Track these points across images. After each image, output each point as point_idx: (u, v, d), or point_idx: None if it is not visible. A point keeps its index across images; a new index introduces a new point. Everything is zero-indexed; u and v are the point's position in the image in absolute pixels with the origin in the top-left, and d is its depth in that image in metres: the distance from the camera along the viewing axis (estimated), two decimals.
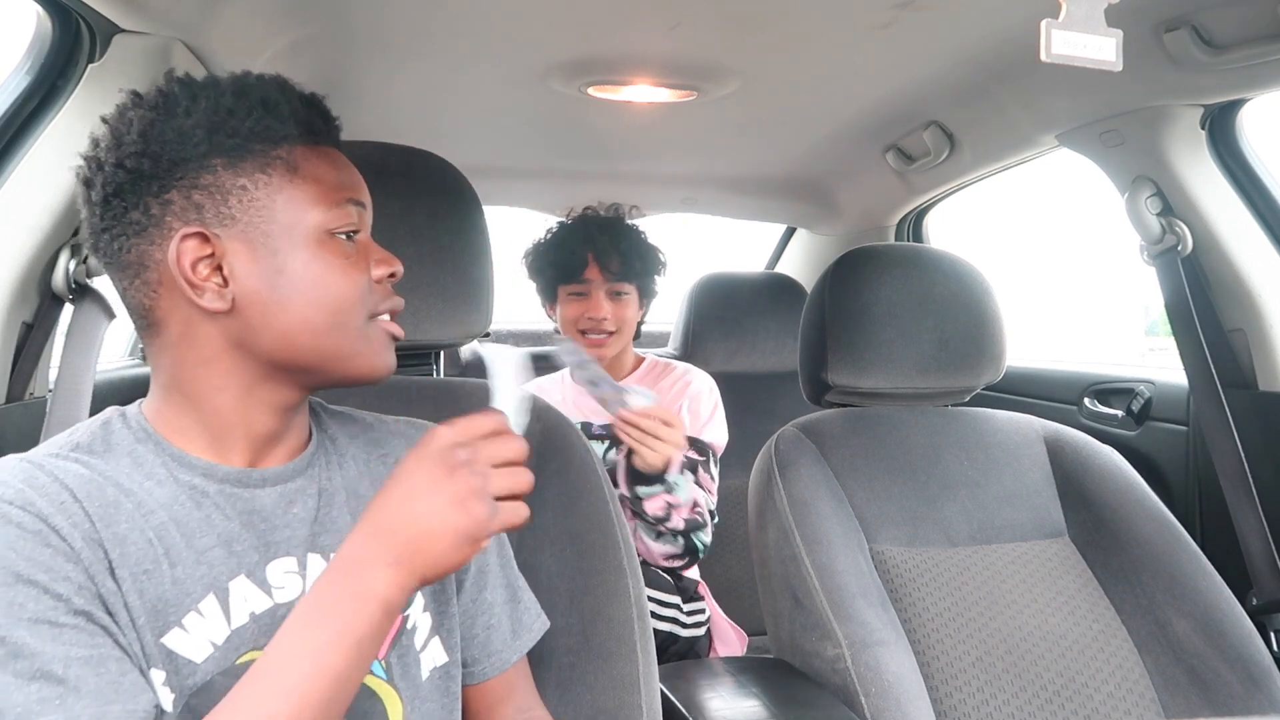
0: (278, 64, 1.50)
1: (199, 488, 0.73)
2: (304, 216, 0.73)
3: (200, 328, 0.72)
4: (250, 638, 0.71)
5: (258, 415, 0.75)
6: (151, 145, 0.70)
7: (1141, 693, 1.20)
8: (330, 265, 0.73)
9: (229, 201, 0.71)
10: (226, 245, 0.71)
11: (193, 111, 0.71)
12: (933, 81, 1.65)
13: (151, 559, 0.68)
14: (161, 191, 0.70)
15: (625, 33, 1.45)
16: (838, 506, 1.29)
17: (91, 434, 0.73)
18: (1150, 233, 1.60)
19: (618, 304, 1.74)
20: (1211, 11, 1.23)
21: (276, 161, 0.73)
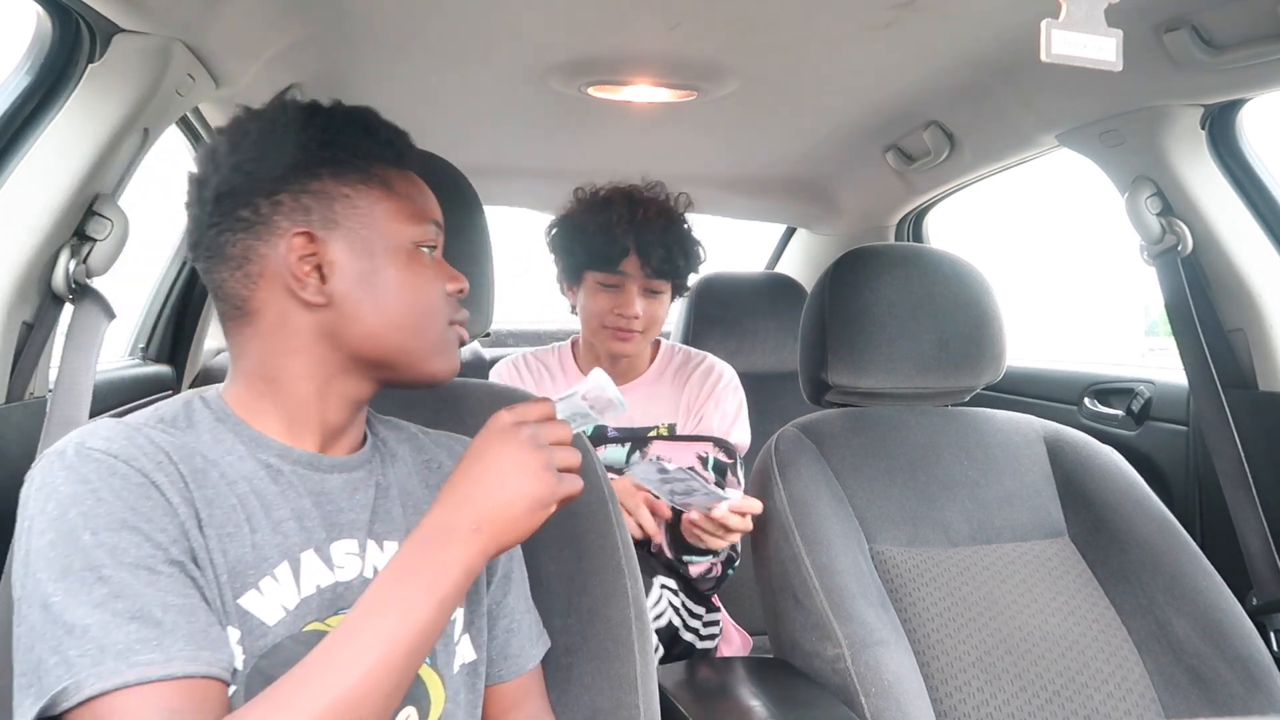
0: (278, 64, 1.50)
1: (274, 466, 0.78)
2: (398, 229, 0.81)
3: (294, 319, 0.79)
4: (315, 609, 0.76)
5: (333, 406, 0.82)
6: (269, 152, 0.78)
7: (1141, 693, 1.20)
8: (418, 274, 0.82)
9: (334, 207, 0.79)
10: (329, 246, 0.78)
11: (307, 127, 0.80)
12: (933, 81, 1.65)
13: (235, 523, 0.73)
14: (272, 194, 0.78)
15: (625, 33, 1.45)
16: (838, 506, 1.29)
17: (174, 411, 0.79)
18: (1150, 233, 1.60)
19: (651, 302, 1.59)
20: (1211, 11, 1.23)
21: (374, 178, 0.81)
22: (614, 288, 1.57)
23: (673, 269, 1.57)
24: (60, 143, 1.18)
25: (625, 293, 1.56)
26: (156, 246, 2.08)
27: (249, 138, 0.79)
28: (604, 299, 1.57)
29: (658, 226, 1.55)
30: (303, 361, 0.80)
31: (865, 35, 1.42)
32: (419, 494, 0.88)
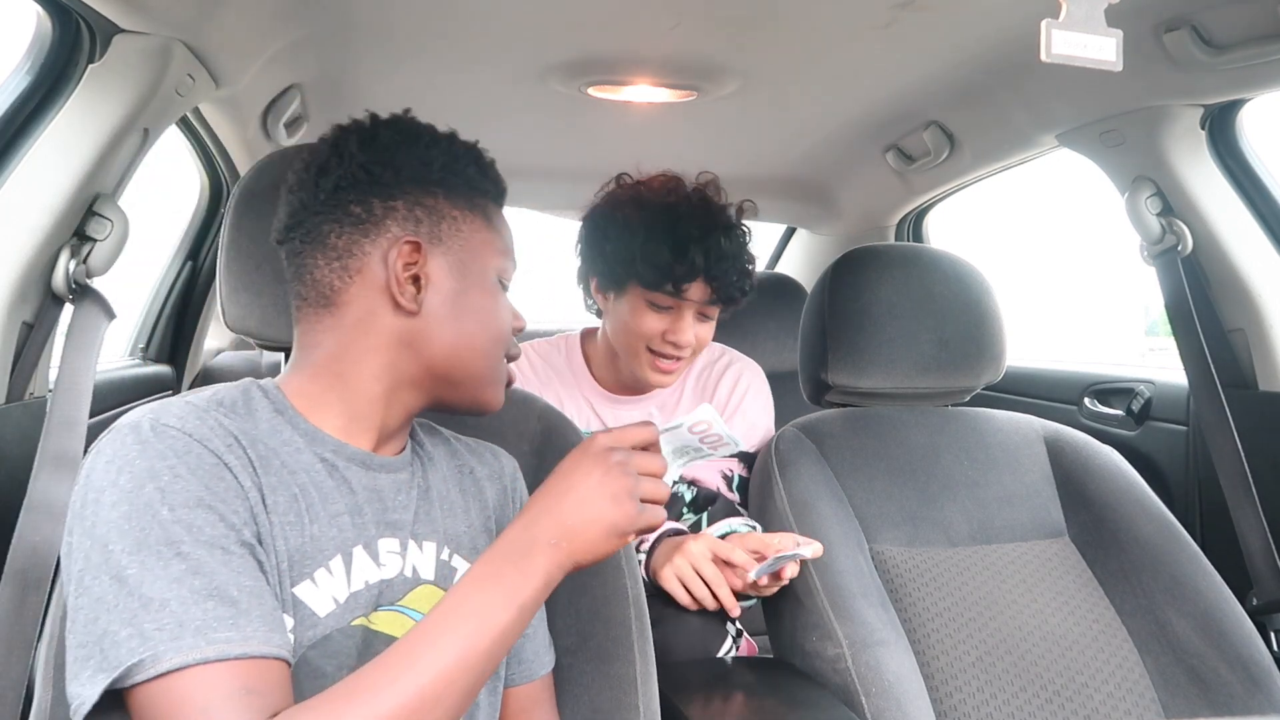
0: (278, 64, 1.50)
1: (330, 461, 0.80)
2: (491, 259, 0.86)
3: (381, 320, 0.81)
4: (362, 604, 0.78)
5: (394, 412, 0.84)
6: (395, 159, 0.82)
7: (1141, 693, 1.20)
8: (497, 303, 0.86)
9: (441, 225, 0.83)
10: (430, 260, 0.82)
11: (433, 146, 0.84)
12: (933, 81, 1.65)
13: (295, 512, 0.75)
14: (389, 197, 0.81)
15: (625, 33, 1.45)
16: (838, 506, 1.29)
17: (233, 398, 0.80)
18: (1150, 233, 1.60)
19: (704, 326, 1.41)
20: (1211, 11, 1.23)
21: (478, 208, 0.86)
22: (667, 309, 1.36)
23: (740, 295, 1.38)
24: (60, 143, 1.18)
25: (681, 318, 1.36)
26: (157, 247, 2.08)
27: (379, 141, 0.83)
28: (653, 321, 1.36)
29: (731, 245, 1.34)
30: (378, 362, 0.82)
31: (865, 35, 1.42)
32: (453, 498, 0.90)
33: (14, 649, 1.00)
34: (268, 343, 1.00)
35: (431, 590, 0.83)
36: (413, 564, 0.82)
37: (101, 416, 1.51)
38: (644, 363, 1.39)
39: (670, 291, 1.34)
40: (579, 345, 1.54)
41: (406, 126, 0.85)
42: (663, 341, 1.37)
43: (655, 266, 1.31)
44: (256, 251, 0.98)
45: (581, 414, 1.49)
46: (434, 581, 0.84)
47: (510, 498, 0.96)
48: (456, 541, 0.87)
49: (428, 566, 0.83)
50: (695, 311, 1.38)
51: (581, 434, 1.12)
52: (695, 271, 1.32)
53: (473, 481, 0.93)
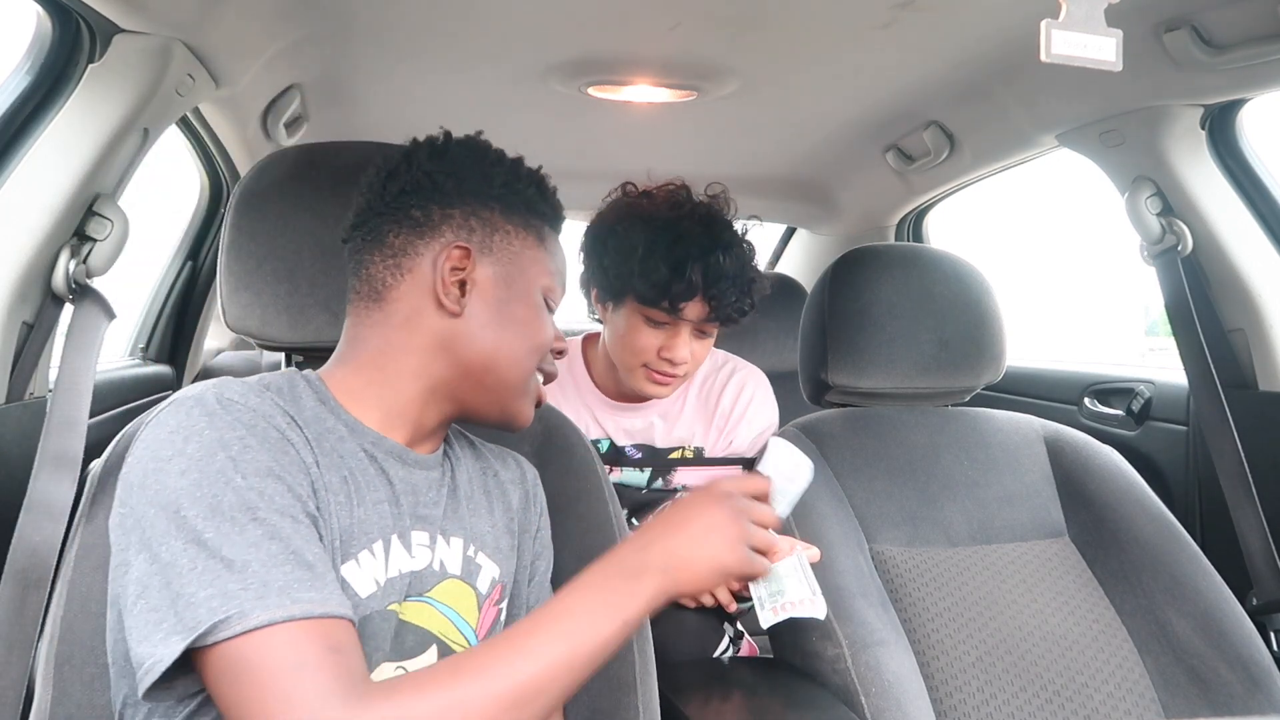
0: (278, 64, 1.50)
1: (370, 452, 0.82)
2: (538, 275, 0.89)
3: (425, 319, 0.84)
4: (396, 591, 0.80)
5: (430, 412, 0.87)
6: (459, 171, 0.87)
7: (1141, 693, 1.20)
8: (540, 319, 0.89)
9: (494, 237, 0.87)
10: (478, 267, 0.85)
11: (498, 164, 0.89)
12: (933, 81, 1.65)
13: (345, 493, 0.78)
14: (448, 205, 0.86)
15: (625, 33, 1.45)
16: (838, 506, 1.29)
17: (279, 384, 0.82)
18: (1150, 233, 1.60)
19: (701, 343, 1.39)
20: (1211, 11, 1.23)
21: (532, 227, 0.90)
22: (664, 326, 1.34)
23: (739, 315, 1.35)
24: (60, 143, 1.18)
25: (677, 335, 1.34)
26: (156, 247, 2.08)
27: (448, 154, 0.88)
28: (649, 337, 1.34)
29: (731, 264, 1.30)
30: (418, 360, 0.84)
31: (865, 35, 1.42)
32: (478, 498, 0.92)
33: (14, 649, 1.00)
34: (268, 343, 1.00)
35: (457, 585, 0.85)
36: (440, 558, 0.85)
37: (101, 416, 1.51)
38: (639, 377, 1.38)
39: (667, 309, 1.31)
40: (580, 351, 1.52)
41: (476, 145, 0.90)
42: (658, 359, 1.35)
43: (653, 284, 1.29)
44: (257, 251, 0.98)
45: (581, 420, 1.47)
46: (460, 576, 0.86)
47: (531, 502, 0.98)
48: (481, 540, 0.89)
49: (455, 562, 0.86)
50: (692, 329, 1.36)
51: (582, 435, 1.12)
52: (693, 290, 1.29)
53: (497, 484, 0.95)
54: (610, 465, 1.47)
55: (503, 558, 0.92)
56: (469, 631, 0.85)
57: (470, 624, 0.86)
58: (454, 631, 0.84)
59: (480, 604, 0.87)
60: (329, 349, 0.90)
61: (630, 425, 1.49)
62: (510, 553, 0.93)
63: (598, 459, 1.11)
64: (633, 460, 1.47)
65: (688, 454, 1.50)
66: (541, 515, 1.00)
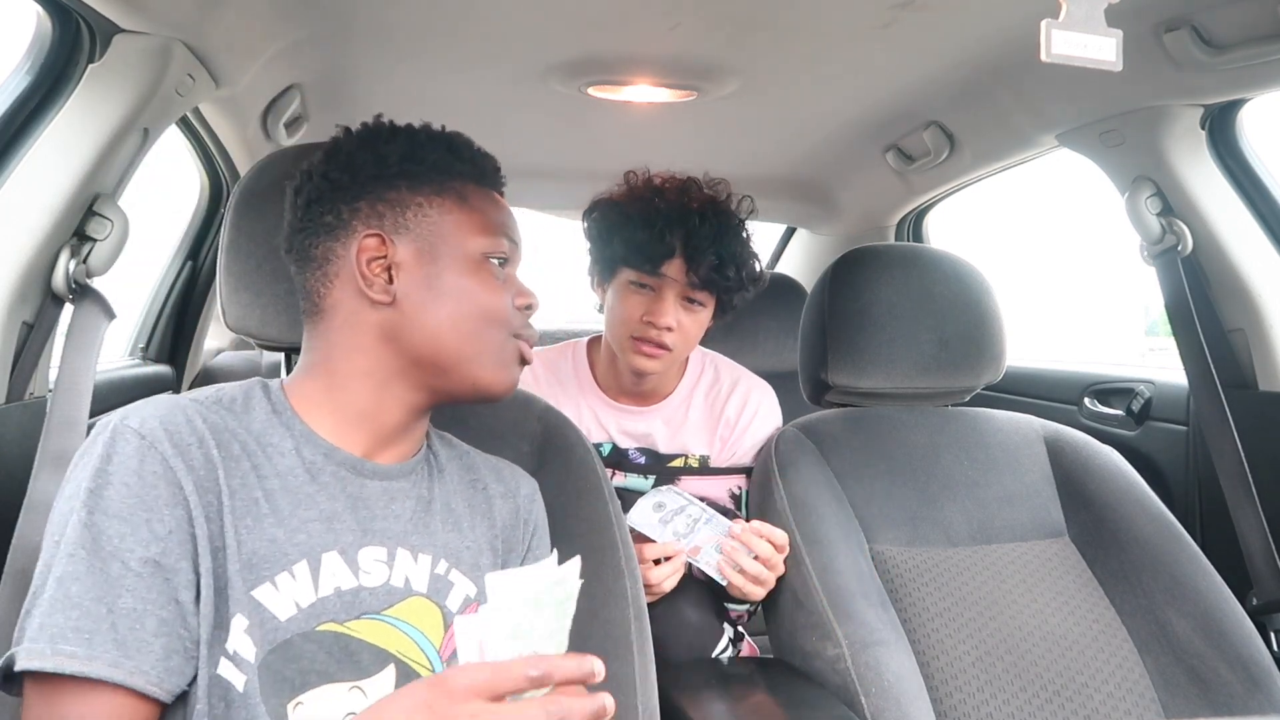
0: (278, 64, 1.50)
1: (317, 465, 0.81)
2: (466, 239, 0.85)
3: (362, 316, 0.83)
4: (331, 610, 0.78)
5: (389, 408, 0.85)
6: (353, 164, 0.85)
7: (1141, 693, 1.20)
8: (484, 281, 0.85)
9: (405, 215, 0.84)
10: (398, 249, 0.84)
11: (391, 141, 0.86)
12: (933, 81, 1.65)
13: (255, 515, 0.76)
14: (353, 200, 0.84)
15: (625, 33, 1.45)
16: (838, 507, 1.29)
17: (234, 394, 0.83)
18: (1150, 233, 1.60)
19: (688, 314, 1.37)
20: (1211, 11, 1.23)
21: (450, 190, 0.86)
22: (649, 290, 1.35)
23: (721, 280, 1.34)
24: (60, 143, 1.18)
25: (661, 299, 1.34)
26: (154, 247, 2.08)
27: (339, 151, 0.87)
28: (635, 303, 1.36)
29: (711, 228, 1.32)
30: (366, 359, 0.83)
31: (865, 35, 1.42)
32: (460, 512, 0.89)
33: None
34: (268, 343, 1.00)
35: (423, 603, 0.82)
36: (404, 574, 0.82)
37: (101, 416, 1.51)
38: (628, 349, 1.38)
39: (649, 270, 1.34)
40: (585, 352, 1.53)
41: (367, 130, 0.88)
42: (645, 324, 1.35)
43: (633, 244, 1.34)
44: (256, 251, 0.98)
45: (583, 421, 1.47)
46: (426, 595, 0.83)
47: (521, 519, 0.94)
48: (456, 556, 0.86)
49: (420, 578, 0.83)
50: (679, 295, 1.35)
51: (582, 435, 1.12)
52: (671, 249, 1.32)
53: (484, 498, 0.92)
54: (613, 469, 1.46)
55: (481, 575, 0.87)
56: (432, 651, 0.82)
57: (434, 644, 0.82)
58: (415, 650, 0.81)
59: (448, 622, 0.84)
60: None
61: (633, 428, 1.48)
62: (491, 568, 0.89)
63: (598, 459, 1.10)
64: (636, 465, 1.46)
65: (691, 463, 1.48)
66: (534, 535, 0.95)
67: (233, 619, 0.72)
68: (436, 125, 0.92)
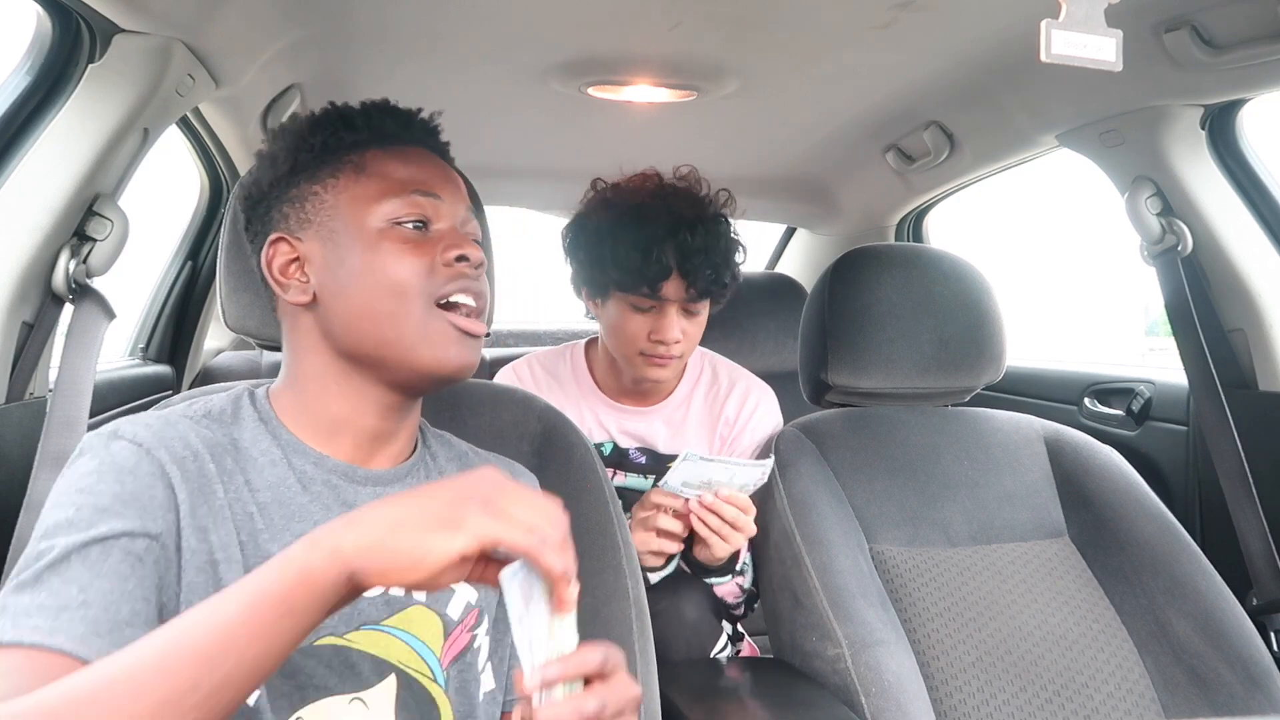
0: (278, 64, 1.50)
1: (308, 474, 0.79)
2: (366, 210, 0.80)
3: (299, 320, 0.82)
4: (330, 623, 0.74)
5: (363, 410, 0.81)
6: (259, 179, 0.84)
7: (1141, 693, 1.20)
8: (388, 252, 0.78)
9: (305, 208, 0.81)
10: (305, 246, 0.81)
11: (281, 137, 0.85)
12: (933, 81, 1.65)
13: (249, 531, 0.74)
14: (266, 212, 0.84)
15: (625, 33, 1.45)
16: (838, 506, 1.29)
17: (223, 405, 0.81)
18: (1150, 233, 1.60)
19: (690, 321, 1.38)
20: (1211, 11, 1.23)
21: (346, 165, 0.82)
22: (649, 310, 1.35)
23: (719, 288, 1.35)
24: (60, 143, 1.18)
25: (664, 316, 1.34)
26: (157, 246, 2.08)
27: (252, 174, 0.86)
28: (638, 323, 1.35)
29: (701, 239, 1.31)
30: (316, 361, 0.81)
31: (865, 35, 1.42)
32: None
33: None
34: (268, 343, 1.00)
35: (423, 611, 0.81)
36: None
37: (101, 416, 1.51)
38: (638, 364, 1.39)
39: (647, 293, 1.32)
40: (583, 354, 1.53)
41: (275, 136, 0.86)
42: (650, 342, 1.35)
43: (627, 270, 1.31)
44: None
45: (584, 422, 1.47)
46: (426, 603, 0.81)
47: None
48: None
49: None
50: (678, 308, 1.35)
51: (582, 435, 1.12)
52: (667, 270, 1.31)
53: None
54: (613, 469, 1.47)
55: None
56: (433, 660, 0.80)
57: (435, 652, 0.80)
58: (415, 659, 0.79)
59: (448, 631, 0.81)
60: None
61: (633, 428, 1.48)
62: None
63: (598, 459, 1.10)
64: (637, 465, 1.46)
65: None
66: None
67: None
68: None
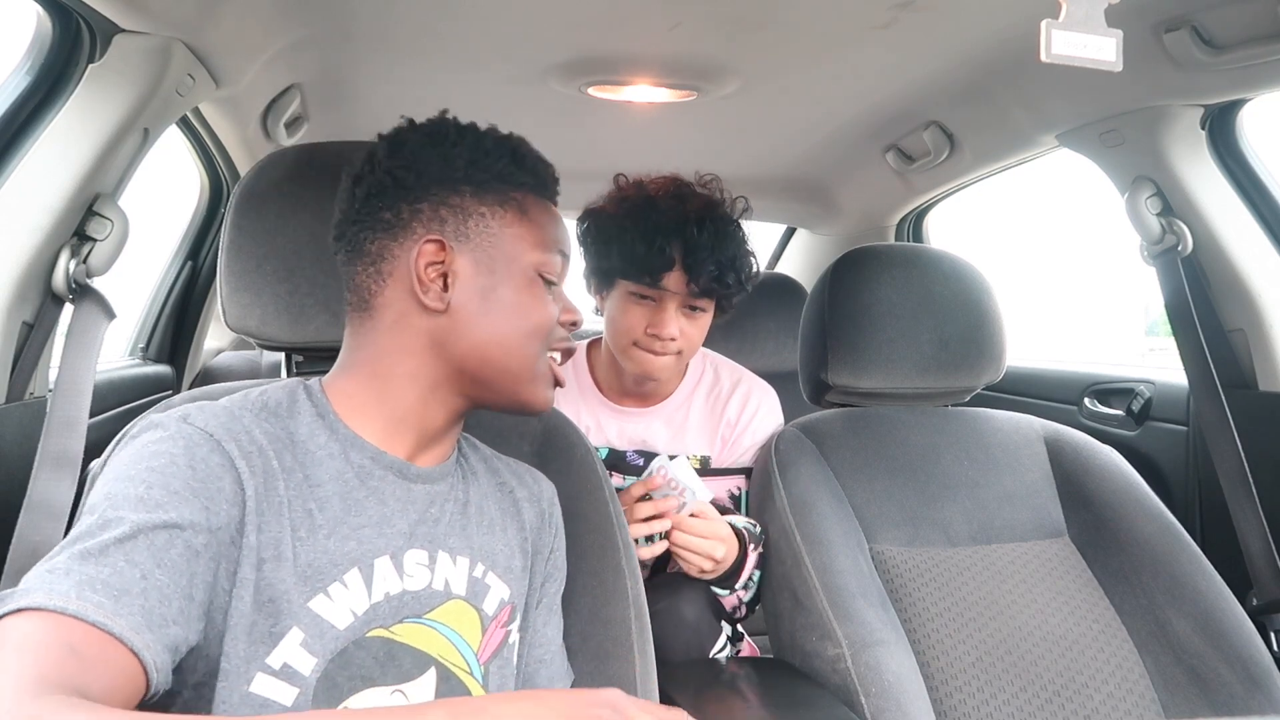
0: (278, 64, 1.51)
1: (366, 469, 0.80)
2: (523, 253, 0.84)
3: (412, 320, 0.82)
4: (382, 615, 0.77)
5: (435, 411, 0.84)
6: (419, 162, 0.83)
7: (1141, 693, 1.20)
8: (536, 297, 0.84)
9: (468, 223, 0.83)
10: (456, 257, 0.82)
11: (458, 144, 0.84)
12: (933, 81, 1.65)
13: (308, 527, 0.75)
14: (416, 201, 0.82)
15: (625, 33, 1.45)
16: (838, 506, 1.29)
17: (279, 398, 0.82)
18: (1150, 233, 1.60)
19: (691, 321, 1.37)
20: (1211, 11, 1.23)
21: (511, 202, 0.85)
22: (650, 302, 1.35)
23: (721, 288, 1.33)
24: (60, 143, 1.18)
25: (663, 310, 1.34)
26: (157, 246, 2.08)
27: (406, 147, 0.84)
28: (637, 314, 1.35)
29: (709, 236, 1.30)
30: (413, 363, 0.82)
31: (865, 35, 1.42)
32: (492, 515, 0.89)
33: None
34: (268, 343, 1.00)
35: (462, 606, 0.83)
36: (445, 577, 0.82)
37: (101, 416, 1.51)
38: (632, 356, 1.38)
39: (648, 283, 1.32)
40: (584, 355, 1.53)
41: (433, 128, 0.86)
42: (647, 335, 1.35)
43: (631, 258, 1.31)
44: (256, 251, 0.98)
45: (582, 423, 1.47)
46: (465, 597, 0.83)
47: (547, 522, 0.95)
48: (491, 559, 0.86)
49: (460, 581, 0.83)
50: (680, 305, 1.35)
51: (582, 435, 1.12)
52: (670, 262, 1.30)
53: (511, 502, 0.93)
54: (611, 470, 1.45)
55: (514, 578, 0.88)
56: (470, 655, 0.82)
57: (472, 647, 0.83)
58: (454, 654, 0.81)
59: (485, 626, 0.84)
60: (329, 349, 0.90)
61: (633, 430, 1.48)
62: (523, 573, 0.90)
63: (598, 459, 1.10)
64: (634, 468, 1.46)
65: (693, 464, 1.46)
66: (556, 536, 0.97)
67: (288, 632, 0.71)
68: None
